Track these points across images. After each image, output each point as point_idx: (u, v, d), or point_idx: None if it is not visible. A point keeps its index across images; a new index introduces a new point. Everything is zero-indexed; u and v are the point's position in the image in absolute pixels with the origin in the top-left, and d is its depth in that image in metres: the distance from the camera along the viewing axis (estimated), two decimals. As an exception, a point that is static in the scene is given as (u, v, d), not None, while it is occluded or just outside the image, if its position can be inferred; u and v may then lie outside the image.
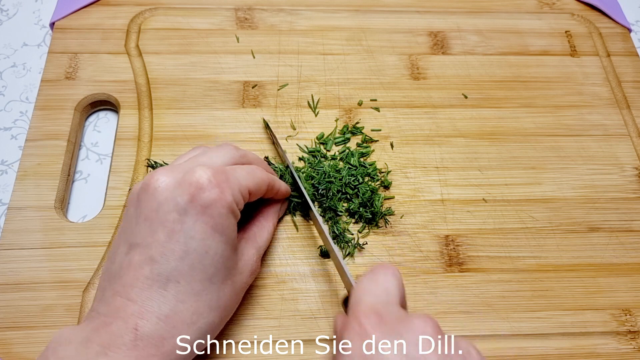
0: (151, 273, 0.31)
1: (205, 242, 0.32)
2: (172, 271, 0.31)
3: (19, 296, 0.40)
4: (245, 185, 0.35)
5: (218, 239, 0.32)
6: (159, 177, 0.33)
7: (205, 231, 0.32)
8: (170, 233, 0.32)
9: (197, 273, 0.32)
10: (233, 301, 0.35)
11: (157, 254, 0.31)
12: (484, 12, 0.58)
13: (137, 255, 0.32)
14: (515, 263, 0.43)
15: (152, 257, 0.31)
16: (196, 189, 0.32)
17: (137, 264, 0.31)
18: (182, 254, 0.31)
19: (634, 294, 0.43)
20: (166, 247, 0.31)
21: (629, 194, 0.48)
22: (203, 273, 0.32)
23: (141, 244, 0.32)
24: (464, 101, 0.52)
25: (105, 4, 0.55)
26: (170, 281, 0.31)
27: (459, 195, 0.46)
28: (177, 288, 0.31)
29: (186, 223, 0.32)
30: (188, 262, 0.32)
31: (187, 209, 0.32)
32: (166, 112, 0.49)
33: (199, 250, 0.32)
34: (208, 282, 0.32)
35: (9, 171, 0.47)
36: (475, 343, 0.40)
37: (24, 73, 0.53)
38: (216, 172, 0.33)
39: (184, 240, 0.32)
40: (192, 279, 0.32)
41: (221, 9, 0.56)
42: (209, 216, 0.32)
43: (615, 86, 0.54)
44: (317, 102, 0.50)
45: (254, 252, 0.37)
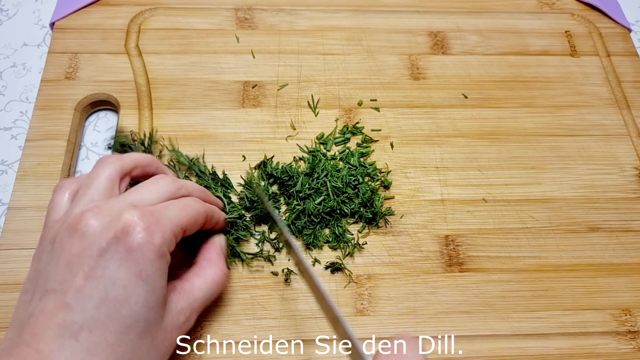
0: (64, 321, 0.29)
1: (126, 289, 0.30)
2: (87, 319, 0.29)
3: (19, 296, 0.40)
4: (177, 223, 0.33)
5: (141, 287, 0.30)
6: (88, 221, 0.31)
7: (129, 278, 0.30)
8: (89, 278, 0.29)
9: (113, 323, 0.29)
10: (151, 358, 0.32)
11: (73, 300, 0.29)
12: (484, 12, 0.58)
13: (52, 302, 0.29)
14: (515, 263, 0.44)
15: (68, 304, 0.29)
16: (122, 233, 0.30)
17: (50, 311, 0.29)
18: (99, 301, 0.29)
19: (634, 294, 0.43)
20: (84, 292, 0.29)
21: (629, 194, 0.48)
22: (119, 324, 0.29)
23: (57, 289, 0.30)
24: (464, 101, 0.52)
25: (105, 4, 0.55)
26: (83, 330, 0.29)
27: (459, 195, 0.46)
28: (89, 339, 0.29)
29: (108, 268, 0.30)
30: (105, 311, 0.29)
31: (111, 252, 0.30)
32: (166, 112, 0.49)
33: (118, 297, 0.29)
34: (124, 334, 0.30)
35: (9, 171, 0.47)
36: (475, 343, 0.40)
37: (24, 73, 0.53)
38: (144, 214, 0.31)
39: (104, 286, 0.29)
40: (107, 330, 0.29)
41: (221, 9, 0.56)
42: (133, 261, 0.30)
43: (615, 86, 0.54)
44: (317, 102, 0.50)
45: (185, 306, 0.34)
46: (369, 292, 0.41)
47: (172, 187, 0.35)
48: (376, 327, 0.40)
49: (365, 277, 0.42)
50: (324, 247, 0.43)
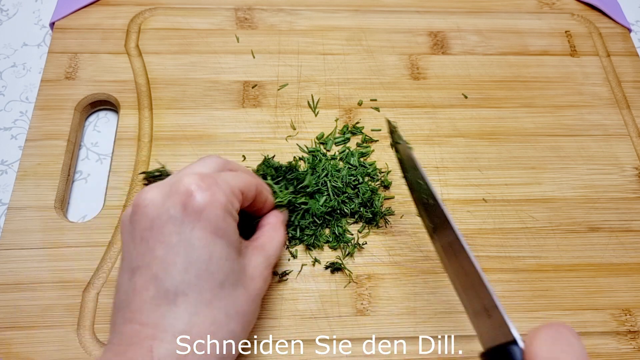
0: (157, 292, 0.30)
1: (207, 248, 0.31)
2: (178, 285, 0.30)
3: (19, 296, 0.40)
4: (235, 185, 0.34)
5: (220, 243, 0.31)
6: (146, 195, 0.32)
7: (205, 237, 0.31)
8: (168, 247, 0.30)
9: (205, 281, 0.30)
10: (251, 308, 0.33)
11: (159, 270, 0.30)
12: (484, 12, 0.58)
13: (140, 278, 0.30)
14: (515, 263, 0.44)
15: (155, 275, 0.30)
16: (186, 197, 0.31)
17: (141, 286, 0.30)
18: (185, 265, 0.30)
19: (634, 294, 0.43)
20: (167, 261, 0.30)
21: (629, 194, 0.48)
22: (212, 280, 0.31)
23: (141, 265, 0.31)
24: (464, 101, 0.52)
25: (105, 4, 0.55)
26: (178, 295, 0.30)
27: (459, 195, 0.46)
28: (187, 301, 0.30)
29: (183, 233, 0.30)
30: (193, 272, 0.30)
31: (182, 218, 0.31)
32: (166, 112, 0.49)
33: (202, 257, 0.30)
34: (219, 289, 0.31)
35: (9, 171, 0.47)
36: (475, 343, 0.40)
37: (24, 73, 0.53)
38: (203, 177, 0.32)
39: (185, 251, 0.30)
40: (202, 289, 0.30)
41: (221, 9, 0.56)
42: (205, 220, 0.31)
43: (615, 86, 0.54)
44: (317, 102, 0.50)
45: (262, 260, 0.35)
46: (369, 292, 0.41)
47: (221, 162, 0.36)
48: (376, 327, 0.40)
49: (365, 277, 0.42)
50: (324, 247, 0.43)
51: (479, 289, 0.30)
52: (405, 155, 0.39)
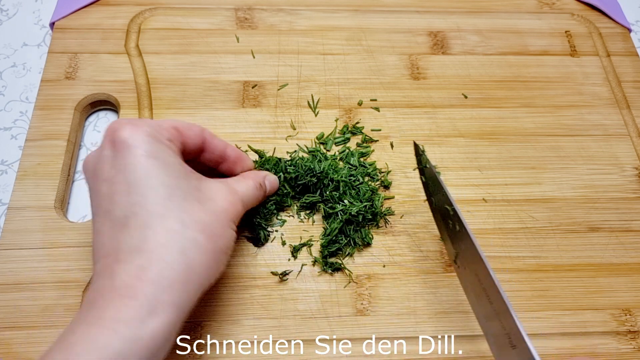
0: (111, 224, 0.31)
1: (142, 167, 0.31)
2: (125, 208, 0.31)
3: (19, 296, 0.40)
4: (163, 122, 0.34)
5: (155, 162, 0.32)
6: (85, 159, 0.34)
7: (138, 159, 0.31)
8: (109, 182, 0.32)
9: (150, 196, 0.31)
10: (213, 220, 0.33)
11: (108, 205, 0.31)
12: (484, 12, 0.58)
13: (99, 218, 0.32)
14: (515, 263, 0.43)
15: (107, 211, 0.31)
16: (112, 134, 0.32)
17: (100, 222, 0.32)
18: (127, 189, 0.31)
19: (634, 294, 0.43)
20: (111, 193, 0.31)
21: (629, 194, 0.48)
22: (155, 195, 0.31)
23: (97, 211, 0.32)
24: (464, 101, 0.52)
25: (105, 4, 0.55)
26: (128, 218, 0.30)
27: (458, 195, 0.46)
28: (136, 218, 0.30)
29: (118, 164, 0.32)
30: (137, 191, 0.31)
31: (113, 153, 0.32)
32: (166, 112, 0.49)
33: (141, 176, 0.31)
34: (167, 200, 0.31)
35: (9, 171, 0.47)
36: (475, 343, 0.40)
37: (24, 73, 0.53)
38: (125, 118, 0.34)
39: (123, 178, 0.31)
40: (147, 203, 0.31)
41: (221, 9, 0.56)
42: (134, 147, 0.32)
43: (615, 86, 0.54)
44: (317, 102, 0.50)
45: (225, 187, 0.35)
46: (369, 292, 0.41)
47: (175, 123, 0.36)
48: (376, 327, 0.40)
49: (365, 277, 0.42)
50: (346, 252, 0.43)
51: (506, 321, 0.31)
52: (432, 179, 0.39)
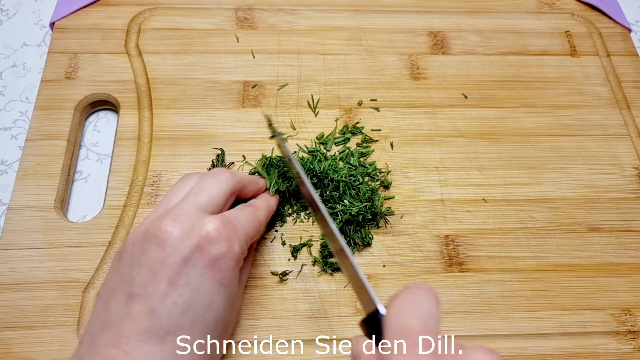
0: (151, 326, 0.30)
1: (210, 295, 0.31)
2: (173, 325, 0.30)
3: (19, 296, 0.40)
4: (248, 233, 0.35)
5: (223, 293, 0.32)
6: (167, 227, 0.32)
7: (212, 285, 0.31)
8: (174, 284, 0.30)
9: (197, 327, 0.31)
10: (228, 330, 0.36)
11: (158, 306, 0.30)
12: (484, 12, 0.58)
13: (138, 306, 0.30)
14: (515, 263, 0.43)
15: (154, 309, 0.30)
16: (206, 242, 0.31)
17: (137, 315, 0.30)
18: (185, 308, 0.30)
19: (634, 294, 0.43)
20: (169, 298, 0.30)
21: (629, 194, 0.48)
22: (204, 327, 0.31)
23: (142, 294, 0.30)
24: (464, 101, 0.52)
25: (105, 4, 0.55)
26: (169, 335, 0.30)
27: (459, 195, 0.46)
28: (174, 341, 0.30)
29: (192, 275, 0.31)
30: (190, 316, 0.31)
31: (195, 261, 0.31)
32: (166, 112, 0.49)
33: (202, 304, 0.31)
34: (207, 333, 0.32)
35: (9, 171, 0.47)
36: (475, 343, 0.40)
37: (24, 73, 0.53)
38: (224, 224, 0.33)
39: (189, 293, 0.31)
40: (192, 333, 0.31)
41: (221, 9, 0.56)
42: (217, 270, 0.31)
43: (615, 86, 0.54)
44: (317, 102, 0.50)
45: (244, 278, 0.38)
46: (369, 292, 0.41)
47: (232, 182, 0.36)
48: (376, 327, 0.40)
49: (365, 277, 0.42)
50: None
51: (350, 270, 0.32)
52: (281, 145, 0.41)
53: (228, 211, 0.35)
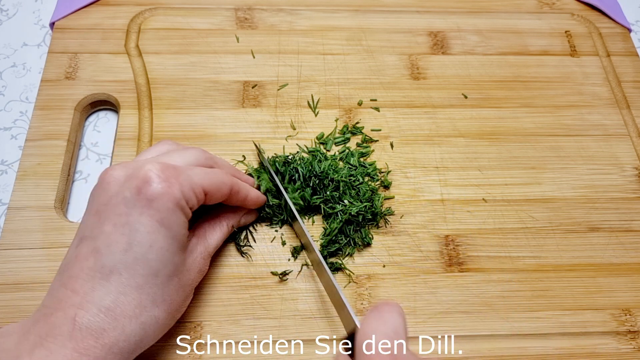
0: (95, 264, 0.31)
1: (150, 235, 0.32)
2: (115, 263, 0.31)
3: (18, 296, 0.40)
4: (199, 183, 0.35)
5: (164, 234, 0.32)
6: (112, 172, 0.34)
7: (151, 224, 0.32)
8: (116, 225, 0.32)
9: (140, 266, 0.32)
10: (180, 298, 0.35)
11: (102, 245, 0.32)
12: (484, 12, 0.58)
13: (85, 248, 0.32)
14: (515, 263, 0.43)
15: (97, 249, 0.32)
16: (143, 183, 0.32)
17: (83, 255, 0.32)
18: (126, 246, 0.31)
19: (634, 294, 0.43)
20: (111, 238, 0.32)
21: (629, 194, 0.48)
22: (147, 267, 0.32)
23: (89, 236, 0.32)
24: (464, 101, 0.52)
25: (105, 4, 0.55)
26: (113, 273, 0.31)
27: (459, 195, 0.46)
28: (119, 280, 0.31)
29: (132, 215, 0.32)
30: (132, 255, 0.32)
31: (134, 201, 0.32)
32: (166, 112, 0.49)
33: (143, 243, 0.32)
34: (152, 276, 0.32)
35: (9, 171, 0.47)
36: (475, 343, 0.40)
37: (24, 73, 0.53)
38: (165, 167, 0.33)
39: (129, 232, 0.32)
40: (135, 272, 0.32)
41: (221, 9, 0.56)
42: (154, 209, 0.32)
43: (615, 86, 0.54)
44: (317, 102, 0.50)
45: (202, 249, 0.37)
46: (369, 292, 0.41)
47: (201, 156, 0.38)
48: (376, 327, 0.40)
49: (365, 277, 0.42)
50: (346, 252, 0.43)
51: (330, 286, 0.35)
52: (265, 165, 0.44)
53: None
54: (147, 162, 0.34)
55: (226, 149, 0.47)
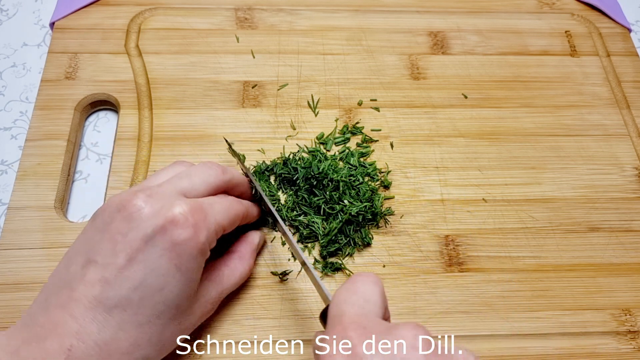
0: (101, 294, 0.30)
1: (164, 278, 0.31)
2: (121, 298, 0.30)
3: (18, 296, 0.40)
4: (220, 223, 0.34)
5: (178, 279, 0.32)
6: (138, 203, 0.32)
7: (168, 268, 0.31)
8: (131, 260, 0.31)
9: (145, 306, 0.31)
10: (175, 338, 0.34)
11: (111, 277, 0.30)
12: (484, 12, 0.58)
13: (93, 273, 0.31)
14: (515, 263, 0.43)
15: (107, 280, 0.30)
16: (171, 225, 0.31)
17: (90, 281, 0.30)
18: (136, 284, 0.31)
19: (634, 294, 0.43)
20: (123, 273, 0.31)
21: (629, 194, 0.48)
22: (152, 308, 0.31)
23: (99, 262, 0.31)
24: (464, 101, 0.52)
25: (105, 4, 0.55)
26: (117, 307, 0.30)
27: (459, 195, 0.46)
28: (121, 316, 0.30)
29: (150, 254, 0.31)
30: (140, 294, 0.31)
31: (156, 241, 0.31)
32: (166, 112, 0.49)
33: (155, 285, 0.31)
34: (155, 317, 0.31)
35: (9, 171, 0.47)
36: (475, 343, 0.40)
37: (24, 73, 0.53)
38: (194, 210, 0.32)
39: (143, 271, 0.31)
40: (139, 311, 0.31)
41: (221, 9, 0.56)
42: (176, 254, 0.31)
43: (615, 86, 0.54)
44: (317, 102, 0.50)
45: (214, 294, 0.36)
46: (369, 292, 0.41)
47: (222, 177, 0.37)
48: (376, 327, 0.40)
49: (365, 277, 0.42)
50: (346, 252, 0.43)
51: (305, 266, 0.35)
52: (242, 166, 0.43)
53: (204, 198, 0.35)
54: (177, 200, 0.32)
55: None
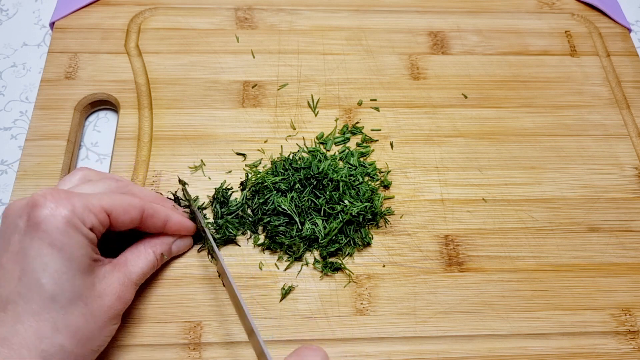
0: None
1: (40, 259, 0.31)
2: (10, 293, 0.31)
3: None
4: (97, 203, 0.34)
5: (57, 256, 0.31)
6: (11, 205, 0.33)
7: (40, 248, 0.31)
8: (10, 255, 0.32)
9: (35, 292, 0.31)
10: (92, 325, 0.33)
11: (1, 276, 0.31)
12: (484, 12, 0.58)
13: None
14: (515, 263, 0.44)
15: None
16: (31, 208, 0.32)
17: None
18: (19, 274, 0.31)
19: (634, 294, 0.43)
20: (6, 268, 0.31)
21: (629, 194, 0.48)
22: (42, 292, 0.31)
23: None
24: (464, 101, 0.52)
25: (105, 4, 0.55)
26: (9, 302, 0.31)
27: (458, 195, 0.46)
28: (15, 309, 0.31)
29: (23, 243, 0.31)
30: (26, 282, 0.31)
31: (24, 228, 0.32)
32: (166, 112, 0.49)
33: (36, 268, 0.31)
34: (49, 301, 0.31)
35: (9, 171, 0.47)
36: (475, 343, 0.40)
37: (24, 73, 0.53)
38: (55, 191, 0.33)
39: (22, 260, 0.31)
40: (31, 299, 0.31)
41: (221, 9, 0.56)
42: (43, 232, 0.31)
43: (615, 86, 0.54)
44: (317, 102, 0.50)
45: (119, 276, 0.35)
46: (369, 292, 0.41)
47: (113, 185, 0.38)
48: (376, 327, 0.40)
49: (365, 277, 0.42)
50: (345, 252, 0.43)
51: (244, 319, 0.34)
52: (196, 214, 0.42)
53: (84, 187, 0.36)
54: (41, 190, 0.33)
55: (226, 148, 0.47)
